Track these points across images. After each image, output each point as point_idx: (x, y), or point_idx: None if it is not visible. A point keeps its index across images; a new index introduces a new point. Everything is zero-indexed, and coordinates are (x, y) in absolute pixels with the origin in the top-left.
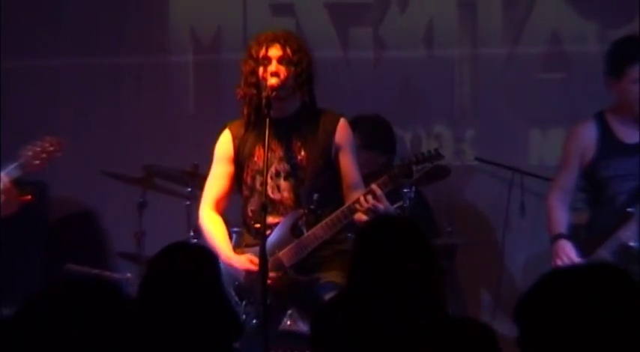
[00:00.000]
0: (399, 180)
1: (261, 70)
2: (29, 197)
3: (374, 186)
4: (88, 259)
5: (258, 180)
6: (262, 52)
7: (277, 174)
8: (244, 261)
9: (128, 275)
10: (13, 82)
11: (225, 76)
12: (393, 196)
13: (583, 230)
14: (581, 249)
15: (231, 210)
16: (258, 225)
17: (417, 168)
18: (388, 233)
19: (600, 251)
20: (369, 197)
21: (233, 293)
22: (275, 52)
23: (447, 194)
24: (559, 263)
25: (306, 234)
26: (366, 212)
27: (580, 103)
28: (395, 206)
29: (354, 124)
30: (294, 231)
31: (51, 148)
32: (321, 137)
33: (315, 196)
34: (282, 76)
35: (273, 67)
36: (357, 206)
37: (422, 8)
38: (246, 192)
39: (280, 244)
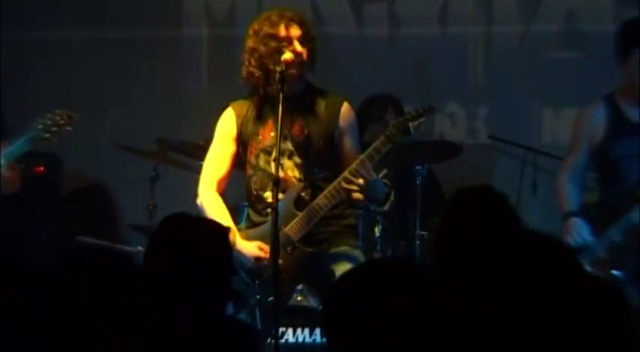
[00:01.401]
0: (398, 138)
1: (277, 47)
2: (42, 168)
3: (362, 156)
4: (99, 232)
5: (263, 158)
6: (283, 32)
7: (281, 152)
8: (253, 249)
9: (139, 248)
10: (26, 55)
11: (239, 50)
12: (405, 174)
13: (593, 209)
14: (592, 228)
15: (232, 186)
16: (270, 200)
17: (414, 124)
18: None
19: (610, 231)
20: (355, 171)
21: (244, 275)
22: (295, 31)
23: (460, 172)
24: (569, 240)
25: (309, 205)
26: (355, 186)
27: (594, 83)
28: (381, 174)
29: (373, 102)
30: (298, 205)
31: (61, 122)
32: (325, 118)
33: (318, 174)
34: (303, 56)
35: (297, 46)
36: (345, 184)
37: None
38: (249, 171)
39: (285, 219)
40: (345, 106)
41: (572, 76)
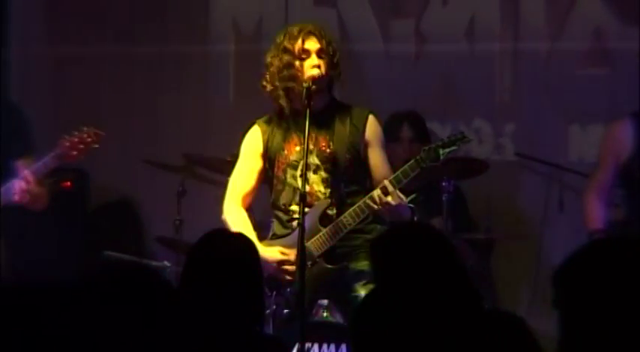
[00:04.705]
0: (427, 164)
1: (298, 63)
2: (69, 183)
3: (386, 182)
4: (126, 246)
5: (289, 173)
6: (299, 45)
7: (307, 166)
8: (275, 253)
9: (165, 263)
10: (54, 70)
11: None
12: (432, 190)
13: (619, 226)
14: None
15: (260, 201)
16: (296, 216)
17: (444, 151)
18: (400, 245)
19: None
20: (382, 195)
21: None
22: (313, 44)
23: (486, 188)
24: None
25: (333, 222)
26: (379, 208)
27: (621, 100)
28: (409, 199)
29: (389, 120)
30: (323, 221)
31: (88, 139)
32: (350, 132)
33: (344, 189)
34: (322, 69)
35: (314, 60)
36: (371, 203)
37: (464, 2)
38: (278, 186)
39: (309, 234)
40: (371, 119)
41: (599, 92)
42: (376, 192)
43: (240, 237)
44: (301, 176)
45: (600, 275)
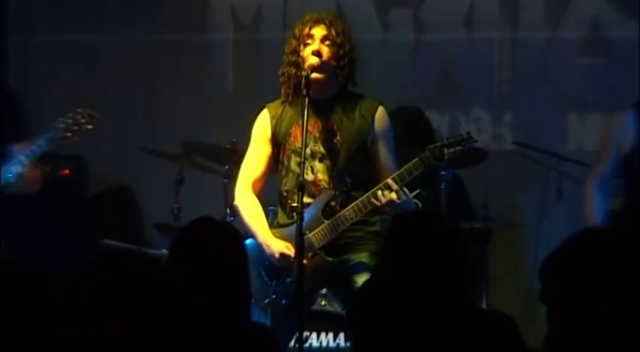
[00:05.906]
0: (431, 163)
1: (302, 48)
2: (67, 171)
3: (389, 181)
4: (124, 235)
5: (294, 159)
6: (306, 31)
7: (312, 155)
8: (282, 246)
9: (164, 251)
10: (52, 58)
11: (265, 54)
12: (430, 180)
13: (616, 217)
14: None
15: (265, 188)
16: (295, 205)
17: (449, 151)
18: (415, 229)
19: None
20: (386, 192)
21: (263, 273)
22: (319, 31)
23: (485, 177)
24: None
25: (336, 215)
26: (383, 206)
27: (619, 89)
28: (413, 194)
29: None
30: (326, 213)
31: (82, 120)
32: (358, 122)
33: (349, 179)
34: (324, 56)
35: (315, 45)
36: (375, 201)
37: None
38: (282, 172)
39: (311, 225)
40: (380, 111)
41: (597, 81)
42: (379, 190)
43: (225, 226)
44: (299, 164)
45: (585, 268)
